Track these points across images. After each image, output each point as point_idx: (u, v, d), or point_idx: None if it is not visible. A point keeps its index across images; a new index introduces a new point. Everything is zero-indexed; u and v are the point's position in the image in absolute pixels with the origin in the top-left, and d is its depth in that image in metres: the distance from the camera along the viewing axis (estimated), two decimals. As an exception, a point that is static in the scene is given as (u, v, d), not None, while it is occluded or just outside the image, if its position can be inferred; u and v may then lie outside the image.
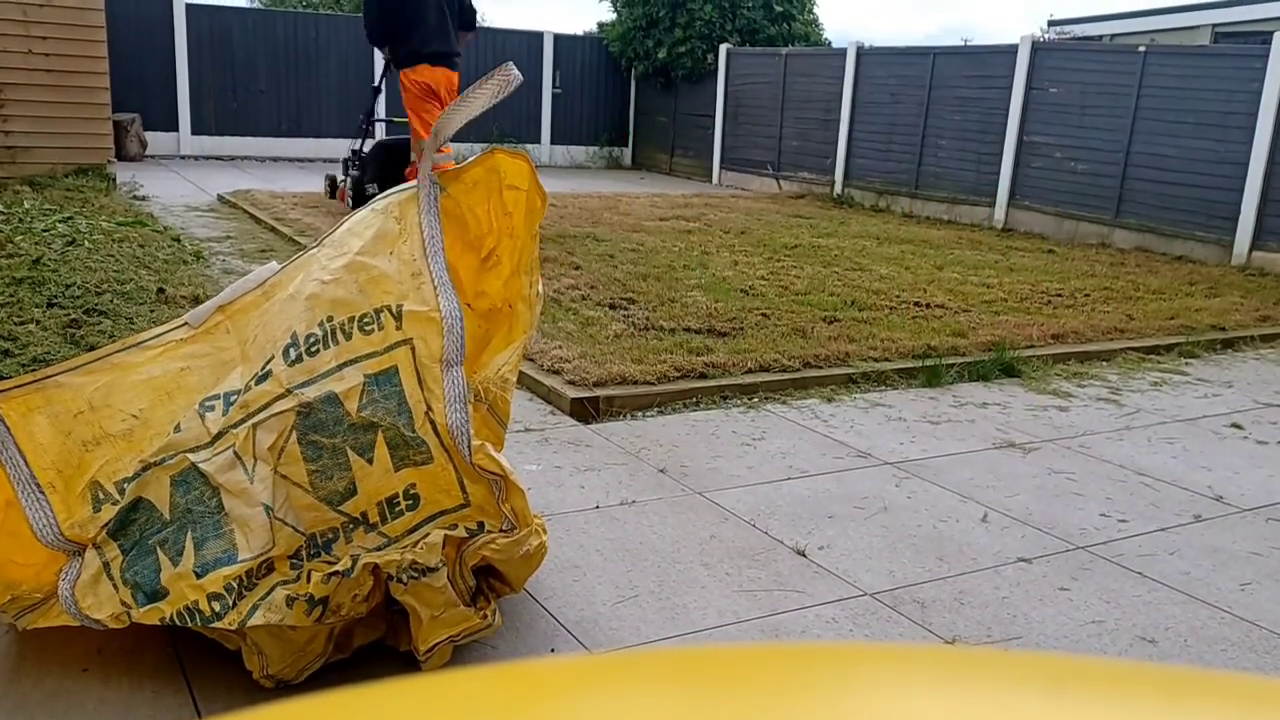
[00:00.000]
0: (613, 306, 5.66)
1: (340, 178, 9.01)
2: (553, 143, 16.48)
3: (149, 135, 13.39)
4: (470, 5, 7.63)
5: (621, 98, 16.87)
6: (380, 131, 9.83)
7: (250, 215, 8.78)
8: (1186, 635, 2.66)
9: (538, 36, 16.12)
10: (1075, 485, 3.69)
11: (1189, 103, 9.06)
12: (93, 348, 3.99)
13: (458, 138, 2.59)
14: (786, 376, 4.64)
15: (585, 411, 4.10)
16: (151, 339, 2.38)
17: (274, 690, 2.17)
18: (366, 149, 8.64)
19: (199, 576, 2.08)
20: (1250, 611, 2.80)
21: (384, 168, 8.16)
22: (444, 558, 2.18)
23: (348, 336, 2.23)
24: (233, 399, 2.24)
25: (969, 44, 12.73)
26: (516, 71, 2.43)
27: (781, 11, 15.25)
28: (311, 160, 14.41)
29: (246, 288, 2.43)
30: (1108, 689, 0.60)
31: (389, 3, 7.17)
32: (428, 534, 2.19)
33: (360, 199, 8.00)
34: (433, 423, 2.20)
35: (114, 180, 9.10)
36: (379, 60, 14.72)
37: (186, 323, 2.40)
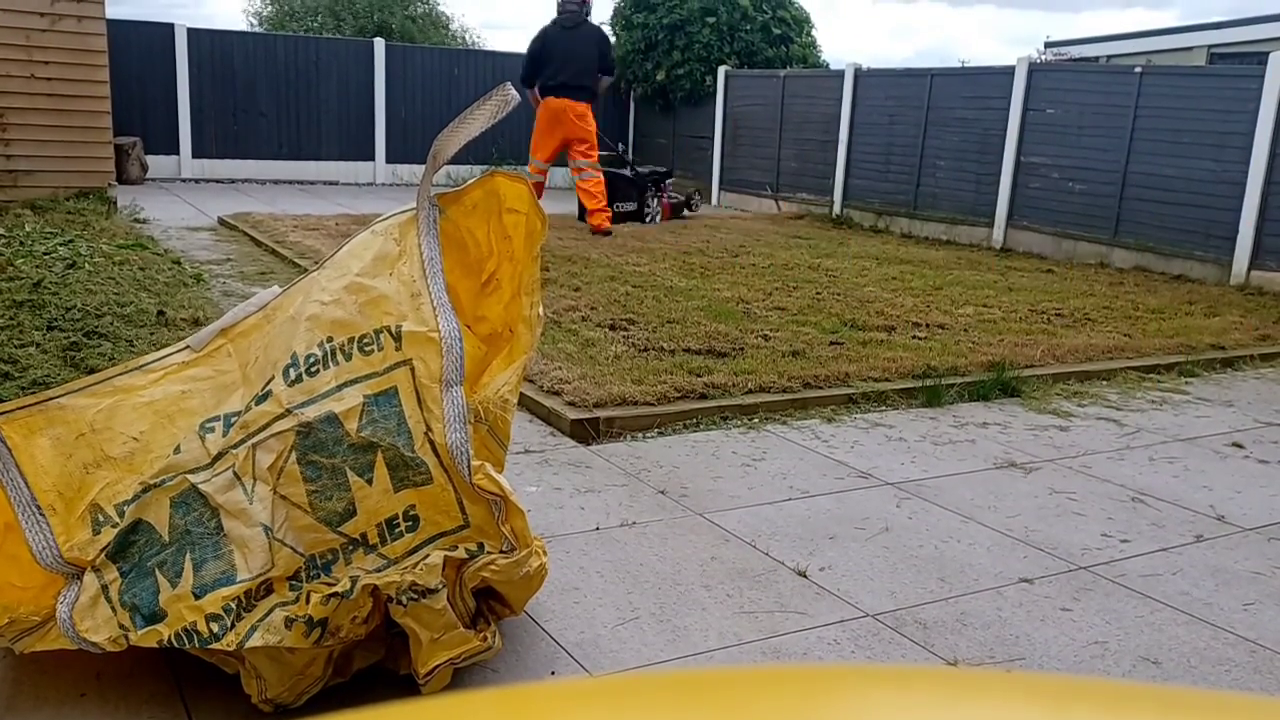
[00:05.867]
0: (613, 327, 5.67)
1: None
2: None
3: (150, 158, 13.43)
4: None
5: (621, 120, 16.92)
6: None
7: (250, 238, 8.80)
8: (1189, 656, 2.65)
9: (537, 59, 16.19)
10: (1076, 505, 3.69)
11: (1186, 123, 9.09)
12: (92, 370, 3.99)
13: (456, 160, 2.60)
14: (787, 397, 4.64)
15: (585, 433, 4.10)
16: (153, 362, 2.39)
17: (273, 715, 2.16)
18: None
19: (197, 597, 2.07)
20: (1253, 631, 2.79)
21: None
22: (444, 579, 2.17)
23: (347, 357, 2.23)
24: (233, 420, 2.24)
25: (966, 65, 12.80)
26: (515, 92, 2.45)
27: (780, 34, 15.33)
28: (312, 183, 14.45)
29: (248, 311, 2.43)
30: (1111, 710, 0.60)
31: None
32: (427, 555, 2.18)
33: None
34: (432, 443, 2.20)
35: (115, 203, 9.13)
36: (380, 84, 14.86)
37: (188, 346, 2.41)
